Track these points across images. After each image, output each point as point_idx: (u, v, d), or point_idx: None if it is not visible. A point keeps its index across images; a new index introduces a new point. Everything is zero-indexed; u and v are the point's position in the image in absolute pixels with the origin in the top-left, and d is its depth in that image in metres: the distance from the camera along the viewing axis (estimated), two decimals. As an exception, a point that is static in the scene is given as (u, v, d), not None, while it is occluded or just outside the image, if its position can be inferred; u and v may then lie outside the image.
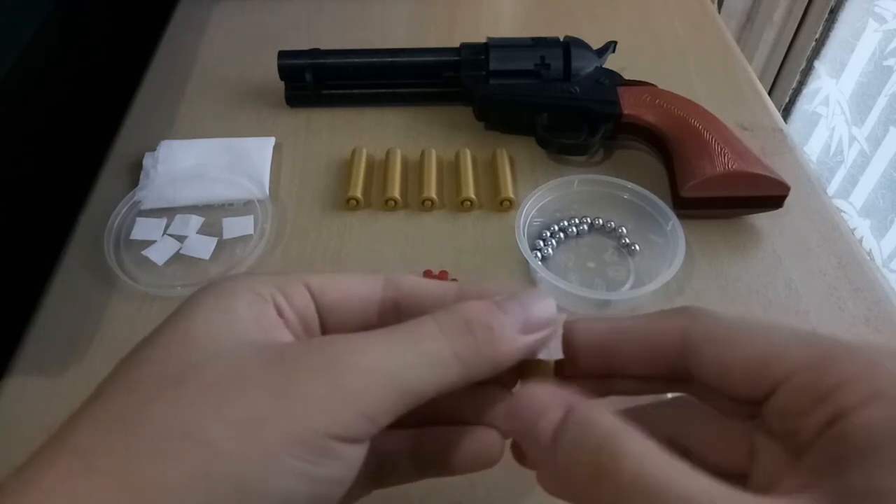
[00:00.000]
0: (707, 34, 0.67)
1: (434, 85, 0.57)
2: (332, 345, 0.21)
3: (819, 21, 1.15)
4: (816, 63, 1.21)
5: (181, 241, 0.47)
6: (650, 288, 0.41)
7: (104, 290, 0.45)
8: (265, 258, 0.47)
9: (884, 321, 0.42)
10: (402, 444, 0.25)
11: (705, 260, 0.46)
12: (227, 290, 0.23)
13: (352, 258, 0.47)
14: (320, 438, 0.19)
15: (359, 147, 0.53)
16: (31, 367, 0.41)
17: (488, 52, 0.54)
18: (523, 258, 0.43)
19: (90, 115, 0.60)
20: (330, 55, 0.56)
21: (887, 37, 1.05)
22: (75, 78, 0.61)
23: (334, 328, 0.25)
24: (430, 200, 0.50)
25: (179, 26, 0.67)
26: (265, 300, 0.23)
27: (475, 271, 0.46)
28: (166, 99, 0.59)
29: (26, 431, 0.38)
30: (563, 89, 0.53)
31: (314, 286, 0.24)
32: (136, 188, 0.50)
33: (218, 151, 0.53)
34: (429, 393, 0.21)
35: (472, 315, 0.22)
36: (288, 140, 0.55)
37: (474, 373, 0.22)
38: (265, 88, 0.59)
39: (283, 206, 0.50)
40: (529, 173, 0.52)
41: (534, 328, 0.23)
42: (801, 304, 0.44)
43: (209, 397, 0.19)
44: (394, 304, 0.26)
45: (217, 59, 0.64)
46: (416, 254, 0.47)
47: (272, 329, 0.22)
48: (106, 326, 0.43)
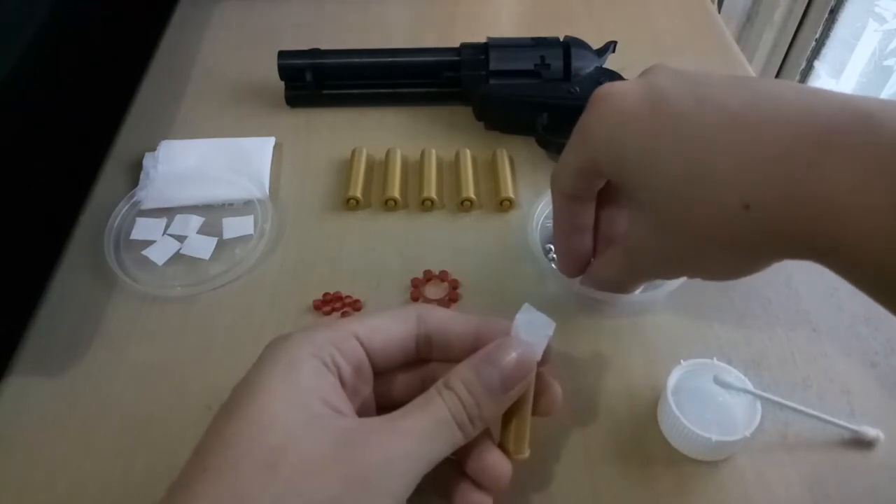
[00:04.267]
0: (707, 34, 0.67)
1: (434, 85, 0.57)
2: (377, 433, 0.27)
3: (819, 21, 1.15)
4: (816, 63, 1.21)
5: (181, 241, 0.47)
6: (664, 291, 0.42)
7: (104, 290, 0.45)
8: (265, 258, 0.47)
9: (884, 321, 0.42)
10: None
11: (705, 260, 0.46)
12: (293, 359, 0.28)
13: (352, 258, 0.47)
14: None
15: (359, 147, 0.53)
16: (31, 367, 0.41)
17: (488, 52, 0.54)
18: (524, 258, 0.43)
19: (90, 115, 0.60)
20: (330, 55, 0.56)
21: (887, 37, 1.05)
22: (75, 78, 0.61)
23: (382, 366, 0.31)
24: (430, 200, 0.50)
25: (179, 26, 0.67)
26: (327, 367, 0.28)
27: (475, 271, 0.46)
28: (166, 99, 0.59)
29: (26, 431, 0.38)
30: (563, 89, 0.53)
31: (362, 336, 0.30)
32: (136, 188, 0.50)
33: (218, 151, 0.53)
34: (440, 459, 0.28)
35: (463, 394, 0.28)
36: (288, 140, 0.55)
37: (473, 434, 0.29)
38: (265, 88, 0.59)
39: (283, 206, 0.50)
40: (529, 173, 0.52)
41: (512, 383, 0.29)
42: (801, 304, 0.44)
43: (297, 482, 0.25)
44: (427, 339, 0.32)
45: (217, 59, 0.64)
46: (416, 254, 0.47)
47: (334, 399, 0.28)
48: (106, 326, 0.43)
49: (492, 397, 0.29)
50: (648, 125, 0.30)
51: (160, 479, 0.26)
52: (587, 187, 0.35)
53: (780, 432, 0.37)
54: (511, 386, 0.29)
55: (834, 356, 0.41)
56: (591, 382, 0.40)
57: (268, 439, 0.25)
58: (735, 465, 0.36)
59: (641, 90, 0.31)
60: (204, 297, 0.44)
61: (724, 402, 0.37)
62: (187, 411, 0.38)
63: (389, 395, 0.32)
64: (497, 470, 0.30)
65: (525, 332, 0.30)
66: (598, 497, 0.35)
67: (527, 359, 0.30)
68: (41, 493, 0.36)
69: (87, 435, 0.38)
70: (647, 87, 0.31)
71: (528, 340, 0.30)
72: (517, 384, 0.29)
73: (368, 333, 0.30)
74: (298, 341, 0.29)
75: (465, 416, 0.28)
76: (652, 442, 0.37)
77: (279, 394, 0.27)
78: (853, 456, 0.36)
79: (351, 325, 0.30)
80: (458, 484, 0.31)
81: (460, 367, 0.29)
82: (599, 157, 0.32)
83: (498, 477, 0.30)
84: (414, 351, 0.32)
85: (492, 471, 0.30)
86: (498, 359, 0.29)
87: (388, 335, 0.31)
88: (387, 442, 0.26)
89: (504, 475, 0.30)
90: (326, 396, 0.28)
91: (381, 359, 0.31)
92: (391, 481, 0.26)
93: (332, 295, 0.44)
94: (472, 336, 0.31)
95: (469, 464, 0.30)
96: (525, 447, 0.31)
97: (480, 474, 0.30)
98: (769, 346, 0.41)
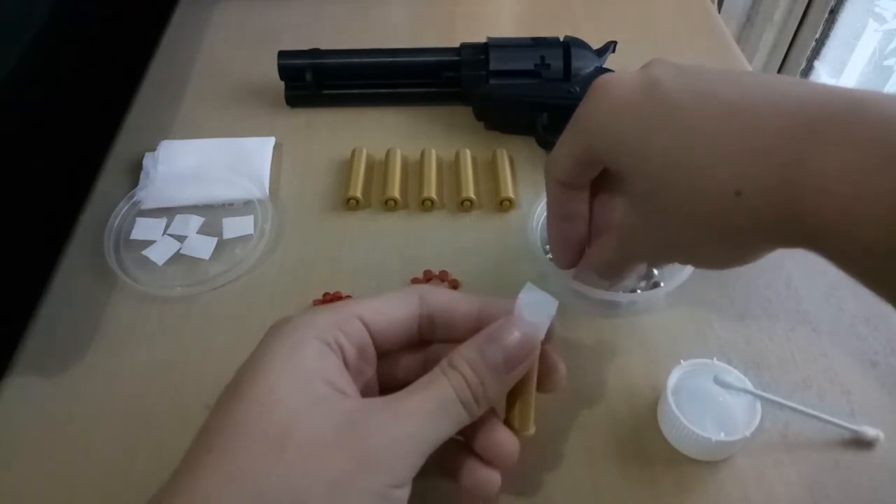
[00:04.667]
0: (707, 34, 0.67)
1: (434, 85, 0.57)
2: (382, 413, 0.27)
3: (819, 21, 1.15)
4: (816, 63, 1.21)
5: (181, 241, 0.47)
6: (665, 290, 0.42)
7: (104, 290, 0.45)
8: (265, 258, 0.47)
9: (884, 321, 0.42)
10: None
11: (705, 260, 0.46)
12: (297, 341, 0.28)
13: (352, 258, 0.47)
14: (387, 490, 0.26)
15: (359, 147, 0.53)
16: (31, 367, 0.41)
17: (488, 52, 0.54)
18: (524, 258, 0.43)
19: (90, 115, 0.60)
20: (330, 55, 0.56)
21: (887, 37, 1.05)
22: (75, 78, 0.61)
23: (385, 347, 0.31)
24: (430, 200, 0.50)
25: (179, 26, 0.67)
26: (330, 348, 0.28)
27: (475, 271, 0.46)
28: (166, 99, 0.59)
29: (26, 431, 0.38)
30: (563, 89, 0.53)
31: (366, 318, 0.30)
32: (136, 188, 0.50)
33: (218, 151, 0.53)
34: (445, 439, 0.28)
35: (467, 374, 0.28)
36: (288, 140, 0.55)
37: (478, 414, 0.29)
38: (265, 88, 0.59)
39: (283, 206, 0.50)
40: (529, 173, 0.52)
41: (516, 362, 0.29)
42: (801, 304, 0.44)
43: (304, 463, 0.25)
44: (430, 319, 0.32)
45: (217, 59, 0.64)
46: (416, 254, 0.47)
47: (337, 380, 0.28)
48: (106, 326, 0.43)
49: (496, 376, 0.29)
50: (645, 113, 0.30)
51: (160, 478, 0.26)
52: (581, 175, 0.35)
53: (780, 432, 0.37)
54: (515, 365, 0.29)
55: (834, 356, 0.41)
56: (592, 382, 0.40)
57: (273, 419, 0.26)
58: (735, 465, 0.36)
59: (639, 80, 0.31)
60: (204, 297, 0.44)
61: (724, 402, 0.37)
62: (187, 411, 0.38)
63: (393, 376, 0.32)
64: (505, 447, 0.31)
65: (528, 311, 0.30)
66: (598, 497, 0.35)
67: (530, 337, 0.30)
68: (41, 493, 0.36)
69: (87, 435, 0.38)
70: (645, 77, 0.31)
71: (531, 320, 0.30)
72: (521, 363, 0.29)
73: (371, 315, 0.30)
74: (302, 323, 0.29)
75: (470, 396, 0.28)
76: (652, 442, 0.37)
77: (283, 375, 0.27)
78: (853, 456, 0.36)
79: (354, 307, 0.30)
80: (464, 462, 0.31)
81: (464, 347, 0.29)
82: (595, 144, 0.33)
83: (507, 454, 0.31)
84: (417, 332, 0.32)
85: (500, 448, 0.30)
86: (501, 338, 0.29)
87: (391, 316, 0.31)
88: (391, 422, 0.26)
89: (512, 452, 0.31)
90: (330, 378, 0.28)
91: (384, 340, 0.31)
92: (396, 461, 0.26)
93: (332, 295, 0.44)
94: (475, 316, 0.31)
95: (477, 442, 0.31)
96: (531, 424, 0.32)
97: (489, 452, 0.30)
98: (769, 346, 0.41)
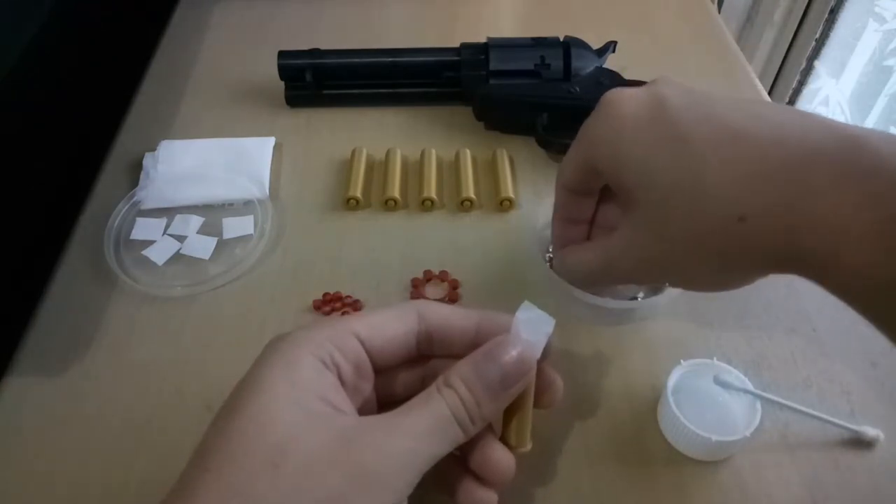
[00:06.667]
0: (707, 34, 0.67)
1: (434, 85, 0.57)
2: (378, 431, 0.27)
3: (819, 21, 1.15)
4: (816, 63, 1.21)
5: (181, 241, 0.47)
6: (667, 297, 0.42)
7: (104, 290, 0.45)
8: (265, 258, 0.47)
9: (884, 321, 0.42)
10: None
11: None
12: (293, 358, 0.28)
13: (352, 258, 0.47)
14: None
15: (359, 147, 0.53)
16: (31, 367, 0.41)
17: (488, 52, 0.54)
18: (524, 258, 0.43)
19: (90, 115, 0.60)
20: (330, 55, 0.56)
21: (887, 37, 1.05)
22: (75, 78, 0.61)
23: (382, 363, 0.31)
24: (430, 200, 0.50)
25: (179, 26, 0.67)
26: (326, 365, 0.28)
27: (475, 271, 0.46)
28: (166, 99, 0.59)
29: (26, 431, 0.38)
30: (563, 89, 0.53)
31: (362, 335, 0.30)
32: (136, 188, 0.50)
33: (218, 151, 0.53)
34: (441, 456, 0.28)
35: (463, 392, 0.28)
36: (288, 140, 0.55)
37: (473, 432, 0.29)
38: (265, 88, 0.59)
39: (283, 206, 0.50)
40: (529, 173, 0.52)
41: (512, 381, 0.29)
42: (801, 304, 0.44)
43: (300, 481, 0.25)
44: (427, 336, 0.32)
45: (217, 59, 0.64)
46: (416, 254, 0.47)
47: (333, 397, 0.28)
48: (106, 326, 0.43)
49: (491, 395, 0.29)
50: (648, 132, 0.31)
51: (160, 478, 0.26)
52: (587, 183, 0.36)
53: (780, 432, 0.37)
54: (511, 384, 0.29)
55: (834, 356, 0.41)
56: (592, 383, 0.40)
57: (270, 437, 0.26)
58: (735, 465, 0.36)
59: (645, 98, 0.32)
60: (204, 297, 0.44)
61: (724, 402, 0.37)
62: (187, 411, 0.38)
63: (391, 392, 0.32)
64: (501, 464, 0.30)
65: (525, 329, 0.30)
66: (598, 497, 0.35)
67: (527, 356, 0.30)
68: (41, 493, 0.36)
69: (87, 435, 0.38)
70: (651, 95, 0.32)
71: (528, 338, 0.30)
72: (517, 382, 0.30)
73: (368, 332, 0.30)
74: (297, 340, 0.29)
75: (465, 414, 0.28)
76: (652, 442, 0.37)
77: (279, 393, 0.27)
78: (853, 456, 0.36)
79: (350, 324, 0.30)
80: (461, 480, 0.31)
81: (460, 365, 0.29)
82: (598, 158, 0.33)
83: (502, 471, 0.30)
84: (415, 348, 0.32)
85: (496, 465, 0.30)
86: (498, 357, 0.29)
87: (388, 333, 0.31)
88: (387, 440, 0.27)
89: (508, 470, 0.31)
90: (326, 395, 0.28)
91: (381, 357, 0.31)
92: (392, 479, 0.26)
93: (332, 295, 0.44)
94: (472, 332, 0.31)
95: (473, 458, 0.31)
96: (527, 440, 0.32)
97: (484, 469, 0.30)
98: (769, 346, 0.41)
